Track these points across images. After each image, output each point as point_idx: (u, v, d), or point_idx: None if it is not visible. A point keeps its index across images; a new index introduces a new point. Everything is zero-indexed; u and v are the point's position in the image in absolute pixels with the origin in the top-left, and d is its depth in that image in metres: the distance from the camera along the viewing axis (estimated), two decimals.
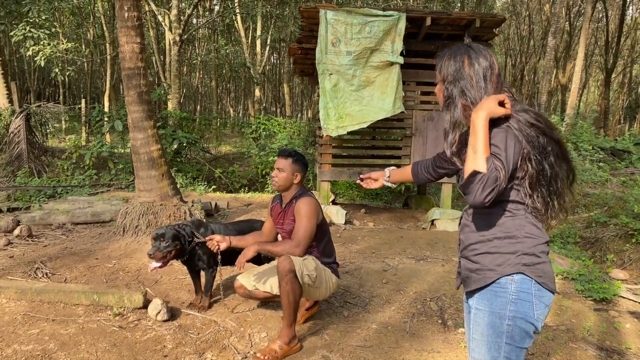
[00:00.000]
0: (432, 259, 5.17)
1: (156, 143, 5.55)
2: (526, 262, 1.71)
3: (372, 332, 3.46)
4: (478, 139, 1.65)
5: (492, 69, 1.80)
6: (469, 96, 1.79)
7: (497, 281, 1.73)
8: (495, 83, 1.80)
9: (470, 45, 1.87)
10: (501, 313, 1.73)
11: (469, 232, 1.85)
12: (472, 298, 1.86)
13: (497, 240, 1.75)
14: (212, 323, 3.51)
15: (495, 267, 1.74)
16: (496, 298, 1.74)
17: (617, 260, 6.28)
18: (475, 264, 1.81)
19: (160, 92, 12.94)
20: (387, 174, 2.45)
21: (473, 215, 1.85)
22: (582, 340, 3.56)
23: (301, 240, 3.08)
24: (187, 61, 27.55)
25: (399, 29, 6.58)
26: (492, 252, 1.75)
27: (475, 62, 1.80)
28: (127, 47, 5.27)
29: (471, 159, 1.65)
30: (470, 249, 1.83)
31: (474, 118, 1.67)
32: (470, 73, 1.80)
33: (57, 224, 6.11)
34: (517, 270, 1.71)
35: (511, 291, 1.71)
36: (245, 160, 14.31)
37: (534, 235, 1.73)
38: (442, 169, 2.24)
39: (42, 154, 11.29)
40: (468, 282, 1.86)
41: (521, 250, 1.71)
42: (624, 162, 11.00)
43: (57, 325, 3.38)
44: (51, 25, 13.77)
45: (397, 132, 7.91)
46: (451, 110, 1.84)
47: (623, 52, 27.43)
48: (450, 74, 1.83)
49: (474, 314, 1.84)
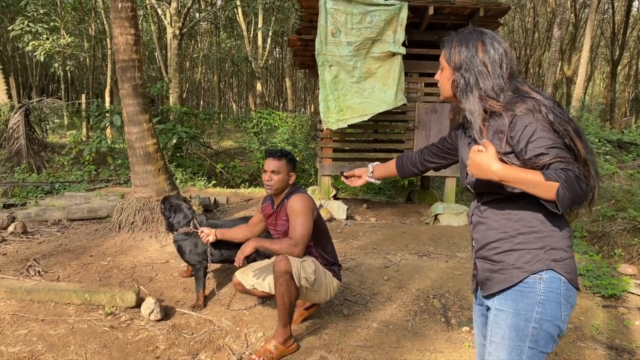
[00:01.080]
0: (436, 254, 5.04)
1: (152, 137, 5.43)
2: (556, 257, 1.59)
3: (372, 331, 3.34)
4: (521, 181, 1.45)
5: (508, 56, 1.66)
6: (483, 86, 1.64)
7: (525, 280, 1.60)
8: (510, 75, 1.65)
9: (482, 30, 1.72)
10: (527, 315, 1.60)
11: (486, 229, 1.71)
12: (491, 299, 1.71)
13: (522, 236, 1.61)
14: (207, 322, 3.40)
15: (522, 264, 1.61)
16: (522, 299, 1.60)
17: (625, 254, 6.13)
18: (497, 263, 1.67)
19: (161, 86, 12.82)
20: (370, 169, 2.28)
21: (488, 211, 1.71)
22: (590, 339, 3.43)
23: (299, 239, 2.92)
24: (189, 56, 27.42)
25: (400, 19, 6.42)
26: (518, 249, 1.62)
27: (491, 48, 1.66)
28: (120, 39, 5.13)
29: (541, 192, 1.44)
30: (490, 248, 1.69)
31: (495, 177, 1.46)
32: (484, 60, 1.65)
33: (53, 221, 6.01)
34: (546, 266, 1.58)
35: (540, 291, 1.58)
36: (247, 155, 14.18)
37: (560, 228, 1.61)
38: (432, 163, 2.12)
39: (42, 149, 11.20)
40: (489, 284, 1.71)
41: (549, 244, 1.59)
42: (631, 154, 10.81)
43: (46, 325, 3.27)
44: (50, 20, 13.65)
45: (399, 125, 7.76)
46: (469, 99, 1.67)
47: (629, 43, 27.11)
48: (463, 61, 1.68)
49: (495, 314, 1.68)
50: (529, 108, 1.56)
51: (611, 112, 22.83)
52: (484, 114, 1.64)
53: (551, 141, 1.50)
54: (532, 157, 1.50)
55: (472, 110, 1.66)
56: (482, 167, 1.48)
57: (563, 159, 1.46)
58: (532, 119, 1.53)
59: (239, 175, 11.98)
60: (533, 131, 1.51)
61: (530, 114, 1.55)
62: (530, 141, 1.51)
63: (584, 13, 25.38)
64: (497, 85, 1.63)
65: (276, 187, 3.10)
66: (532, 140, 1.51)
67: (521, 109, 1.56)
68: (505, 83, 1.64)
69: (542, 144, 1.49)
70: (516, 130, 1.55)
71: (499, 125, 1.60)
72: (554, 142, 1.50)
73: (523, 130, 1.53)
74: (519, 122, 1.54)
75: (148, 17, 20.54)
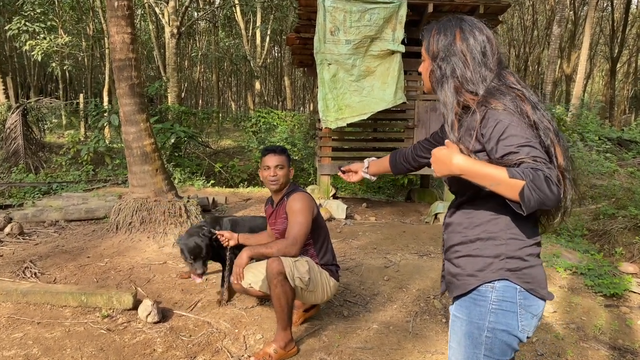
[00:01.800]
0: (436, 254, 4.99)
1: (149, 137, 5.38)
2: (511, 267, 1.51)
3: (372, 332, 3.30)
4: (482, 175, 1.37)
5: (492, 43, 1.57)
6: (459, 76, 1.55)
7: (478, 288, 1.55)
8: (496, 64, 1.56)
9: (462, 17, 1.63)
10: (479, 324, 1.55)
11: (451, 231, 1.66)
12: (452, 304, 1.67)
13: (480, 242, 1.56)
14: (205, 324, 3.36)
15: (476, 272, 1.55)
16: (475, 307, 1.56)
17: (626, 253, 6.10)
18: (456, 267, 1.62)
19: (159, 85, 12.77)
20: (365, 164, 2.22)
21: (457, 213, 1.65)
22: (593, 339, 3.39)
23: (297, 238, 2.88)
24: (187, 55, 27.36)
25: (399, 16, 6.37)
26: (474, 254, 1.56)
27: (470, 36, 1.56)
28: (117, 38, 5.09)
29: (504, 191, 1.35)
30: (453, 251, 1.65)
31: (456, 171, 1.40)
32: (462, 49, 1.56)
33: (50, 221, 5.96)
34: (500, 276, 1.52)
35: (491, 300, 1.53)
36: (246, 155, 14.13)
37: (521, 236, 1.53)
38: (424, 159, 2.03)
39: (40, 149, 11.17)
40: (451, 287, 1.67)
41: (505, 253, 1.52)
42: (632, 152, 10.79)
43: (42, 328, 3.23)
44: (47, 19, 13.59)
45: (399, 124, 7.72)
46: (443, 90, 1.58)
47: (628, 41, 27.07)
48: (440, 50, 1.59)
49: (452, 320, 1.66)
50: (504, 103, 1.46)
51: (610, 110, 22.82)
52: (457, 108, 1.55)
53: (524, 139, 1.40)
54: (502, 156, 1.41)
55: (445, 101, 1.58)
56: (444, 162, 1.43)
57: (535, 158, 1.35)
58: (506, 115, 1.44)
59: (238, 175, 11.94)
60: (505, 128, 1.42)
61: (504, 109, 1.45)
62: (500, 139, 1.42)
63: (582, 10, 25.34)
64: (478, 75, 1.54)
65: (282, 182, 3.07)
66: (502, 138, 1.41)
67: (495, 104, 1.47)
68: (489, 71, 1.55)
69: (514, 142, 1.39)
70: (487, 127, 1.45)
71: (471, 121, 1.51)
72: (527, 140, 1.40)
73: (494, 127, 1.43)
74: (491, 119, 1.45)
75: (146, 16, 20.49)
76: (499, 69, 1.58)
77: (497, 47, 1.58)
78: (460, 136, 1.54)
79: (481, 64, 1.55)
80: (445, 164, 1.42)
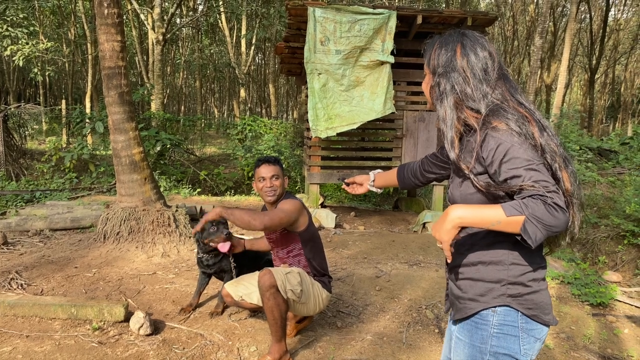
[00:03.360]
0: (426, 263, 5.03)
1: (138, 145, 5.33)
2: (512, 293, 1.49)
3: (367, 343, 3.30)
4: (480, 219, 1.37)
5: (493, 59, 1.54)
6: (459, 92, 1.52)
7: (479, 313, 1.53)
8: (499, 81, 1.54)
9: (464, 32, 1.61)
10: (482, 347, 1.53)
11: (454, 252, 1.60)
12: (455, 325, 1.67)
13: (482, 266, 1.53)
14: (198, 337, 3.32)
15: (477, 297, 1.53)
16: (477, 331, 1.54)
17: (609, 261, 6.22)
18: (458, 290, 1.61)
19: (143, 92, 12.66)
20: (372, 177, 2.19)
21: (459, 233, 1.55)
22: (583, 349, 3.45)
23: (272, 217, 2.80)
24: (170, 61, 27.18)
25: (389, 27, 6.44)
26: (475, 278, 1.55)
27: (471, 51, 1.54)
28: (107, 46, 5.04)
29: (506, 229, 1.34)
30: (455, 272, 1.63)
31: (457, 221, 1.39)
32: (463, 65, 1.53)
33: (35, 231, 5.84)
34: (501, 302, 1.49)
35: (493, 324, 1.51)
36: (231, 162, 14.06)
37: (523, 261, 1.49)
38: (432, 174, 1.98)
39: (21, 156, 10.96)
40: (454, 308, 1.65)
41: (506, 279, 1.49)
42: (611, 161, 10.99)
43: (31, 341, 3.16)
44: (29, 24, 13.40)
45: (387, 133, 7.77)
46: (443, 106, 1.56)
47: (605, 52, 27.71)
48: (440, 65, 1.57)
49: (455, 342, 1.64)
50: (507, 123, 1.43)
51: (589, 119, 23.28)
52: (458, 125, 1.53)
53: (526, 162, 1.36)
54: (506, 180, 1.39)
55: (444, 117, 1.56)
56: (442, 224, 1.41)
57: (537, 182, 1.32)
58: (507, 136, 1.40)
59: (224, 183, 11.87)
60: (506, 150, 1.39)
61: (506, 130, 1.41)
62: (503, 162, 1.39)
63: (562, 22, 25.88)
64: (479, 91, 1.51)
65: (279, 192, 3.09)
66: (505, 161, 1.39)
67: (497, 124, 1.43)
68: (490, 88, 1.52)
69: (517, 165, 1.37)
70: (489, 150, 1.42)
71: (472, 141, 1.49)
72: (530, 162, 1.37)
73: (496, 150, 1.40)
74: (492, 140, 1.42)
75: (129, 22, 20.32)
76: (505, 86, 1.55)
77: (500, 64, 1.56)
78: (460, 154, 1.53)
79: (482, 81, 1.52)
80: (444, 223, 1.41)
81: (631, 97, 32.25)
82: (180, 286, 4.23)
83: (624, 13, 28.94)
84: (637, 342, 3.65)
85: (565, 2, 23.67)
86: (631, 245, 6.06)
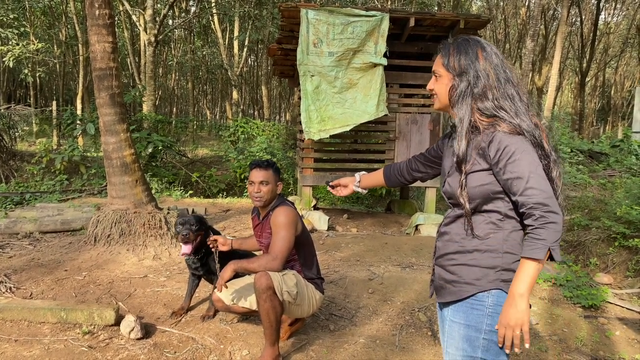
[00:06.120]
0: (418, 266, 5.02)
1: (129, 147, 5.28)
2: (505, 278, 1.64)
3: (359, 347, 3.29)
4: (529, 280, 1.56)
5: (505, 64, 1.68)
6: (480, 92, 1.64)
7: (475, 295, 1.67)
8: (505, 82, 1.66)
9: (477, 38, 1.72)
10: (477, 327, 1.66)
11: (447, 240, 1.76)
12: (446, 309, 1.77)
13: (478, 253, 1.67)
14: (189, 340, 3.29)
15: (473, 280, 1.67)
16: (472, 311, 1.67)
17: (600, 263, 6.24)
18: (452, 274, 1.73)
19: (135, 94, 12.59)
20: (357, 179, 2.26)
21: (454, 223, 1.75)
22: (575, 351, 3.46)
23: (278, 253, 2.86)
24: (162, 63, 27.07)
25: (382, 30, 6.44)
26: (471, 264, 1.67)
27: (492, 54, 1.67)
28: (98, 47, 4.99)
29: (544, 263, 1.56)
30: (448, 258, 1.75)
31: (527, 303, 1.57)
32: (486, 66, 1.65)
33: (24, 233, 5.78)
34: (495, 286, 1.65)
35: (488, 304, 1.65)
36: (223, 164, 14.00)
37: (515, 251, 1.64)
38: (418, 173, 2.10)
39: (10, 158, 10.85)
40: (442, 292, 1.78)
41: (501, 265, 1.64)
42: (602, 164, 11.07)
43: (20, 346, 3.11)
44: (20, 25, 13.29)
45: (380, 135, 7.77)
46: (463, 105, 1.67)
47: (596, 55, 27.94)
48: (465, 66, 1.66)
49: (449, 326, 1.75)
50: (515, 127, 1.57)
51: (580, 122, 23.45)
52: (468, 126, 1.65)
53: (531, 166, 1.53)
54: (509, 179, 1.55)
55: (462, 117, 1.66)
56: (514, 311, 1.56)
57: (536, 196, 1.50)
58: (515, 139, 1.56)
59: (216, 185, 11.82)
60: (513, 152, 1.54)
61: (514, 133, 1.57)
62: (509, 162, 1.54)
63: (553, 25, 26.06)
64: (503, 91, 1.63)
65: (266, 199, 3.03)
66: (510, 162, 1.54)
67: (505, 127, 1.58)
68: (514, 89, 1.65)
69: (521, 168, 1.53)
70: (496, 150, 1.57)
71: (480, 141, 1.62)
72: (533, 167, 1.54)
73: (503, 150, 1.55)
74: (500, 142, 1.57)
75: (121, 23, 20.22)
76: (514, 89, 1.67)
77: (511, 69, 1.69)
78: (467, 151, 1.64)
79: (507, 81, 1.65)
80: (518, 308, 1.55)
81: (621, 100, 32.55)
82: (171, 289, 4.20)
83: (614, 17, 29.22)
84: (628, 344, 3.67)
85: (557, 5, 23.83)
86: (622, 247, 6.08)
